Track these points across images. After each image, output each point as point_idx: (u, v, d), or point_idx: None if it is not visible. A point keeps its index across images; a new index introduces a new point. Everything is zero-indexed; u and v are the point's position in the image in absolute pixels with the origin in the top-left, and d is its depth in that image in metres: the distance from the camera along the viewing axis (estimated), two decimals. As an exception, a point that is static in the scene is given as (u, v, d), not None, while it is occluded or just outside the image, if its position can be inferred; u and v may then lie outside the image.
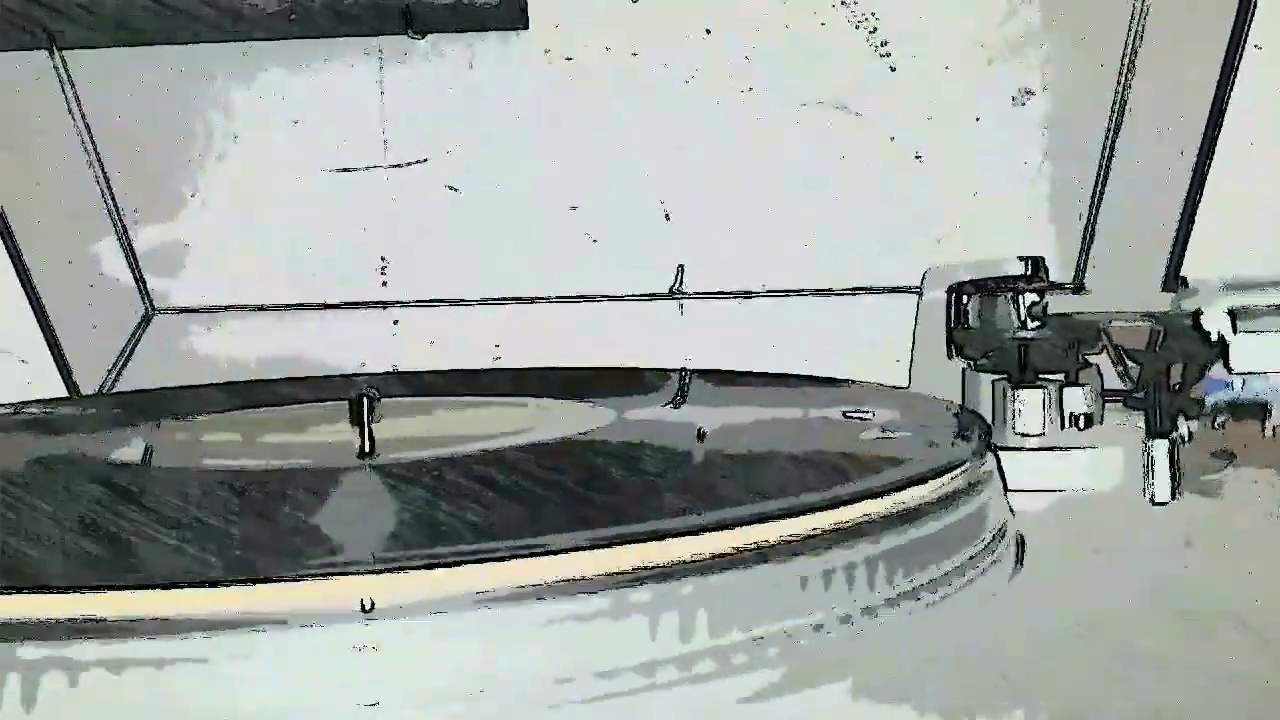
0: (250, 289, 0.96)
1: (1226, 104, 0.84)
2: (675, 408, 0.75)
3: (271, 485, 0.56)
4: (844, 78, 0.93)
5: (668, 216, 0.95)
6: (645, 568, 0.42)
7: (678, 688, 0.41)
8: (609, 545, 0.42)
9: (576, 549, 0.42)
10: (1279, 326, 0.66)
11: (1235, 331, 0.66)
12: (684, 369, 0.85)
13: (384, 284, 0.96)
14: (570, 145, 0.94)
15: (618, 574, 0.41)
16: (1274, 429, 0.68)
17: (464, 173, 0.95)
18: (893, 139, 0.93)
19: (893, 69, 0.92)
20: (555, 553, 0.42)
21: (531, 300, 0.96)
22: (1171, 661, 0.46)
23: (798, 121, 0.93)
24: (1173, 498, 0.63)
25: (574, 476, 0.57)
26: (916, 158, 0.93)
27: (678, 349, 0.93)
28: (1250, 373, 0.67)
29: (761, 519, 0.45)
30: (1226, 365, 0.66)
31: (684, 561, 0.42)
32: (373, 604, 0.39)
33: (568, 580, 0.41)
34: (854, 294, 0.94)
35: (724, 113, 0.93)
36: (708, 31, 0.93)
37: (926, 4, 0.92)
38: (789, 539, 0.44)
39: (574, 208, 0.95)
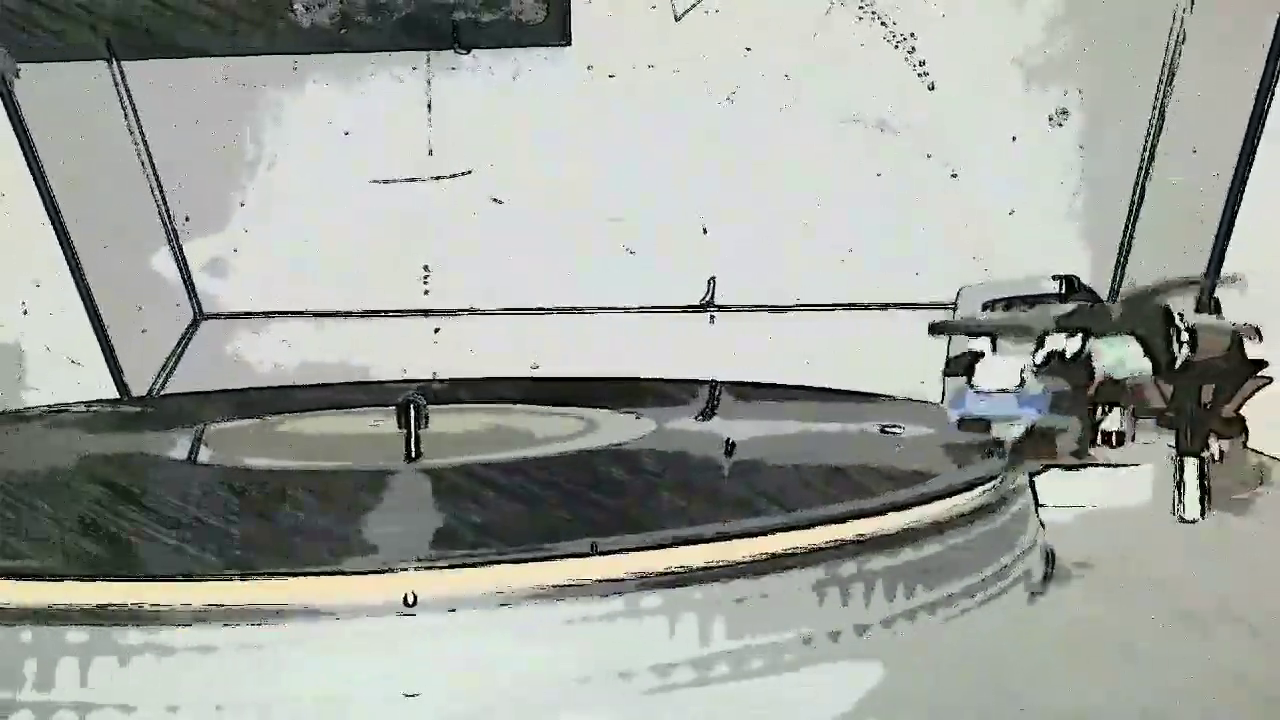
0: (295, 295, 0.98)
1: (1262, 128, 0.85)
2: (705, 419, 0.76)
3: (321, 485, 0.58)
4: (882, 96, 0.94)
5: (705, 230, 0.96)
6: (668, 572, 0.43)
7: (708, 688, 0.42)
8: (637, 550, 0.43)
9: (609, 552, 0.43)
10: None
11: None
12: (714, 381, 0.86)
13: (426, 292, 0.98)
14: (611, 159, 0.95)
15: (643, 576, 0.42)
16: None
17: (507, 185, 0.97)
18: (929, 157, 0.94)
19: (931, 88, 0.93)
20: (586, 555, 0.43)
21: (571, 311, 0.97)
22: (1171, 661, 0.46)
23: (836, 138, 0.94)
24: (1202, 516, 0.64)
25: (611, 483, 0.58)
26: (953, 176, 0.94)
27: (713, 361, 0.93)
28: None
29: (788, 528, 0.45)
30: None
31: (708, 567, 0.43)
32: (415, 598, 0.41)
33: (600, 581, 0.42)
34: (886, 309, 0.95)
35: (763, 129, 0.95)
36: (748, 50, 0.94)
37: (965, 25, 0.92)
38: (814, 548, 0.45)
39: (614, 220, 0.96)
